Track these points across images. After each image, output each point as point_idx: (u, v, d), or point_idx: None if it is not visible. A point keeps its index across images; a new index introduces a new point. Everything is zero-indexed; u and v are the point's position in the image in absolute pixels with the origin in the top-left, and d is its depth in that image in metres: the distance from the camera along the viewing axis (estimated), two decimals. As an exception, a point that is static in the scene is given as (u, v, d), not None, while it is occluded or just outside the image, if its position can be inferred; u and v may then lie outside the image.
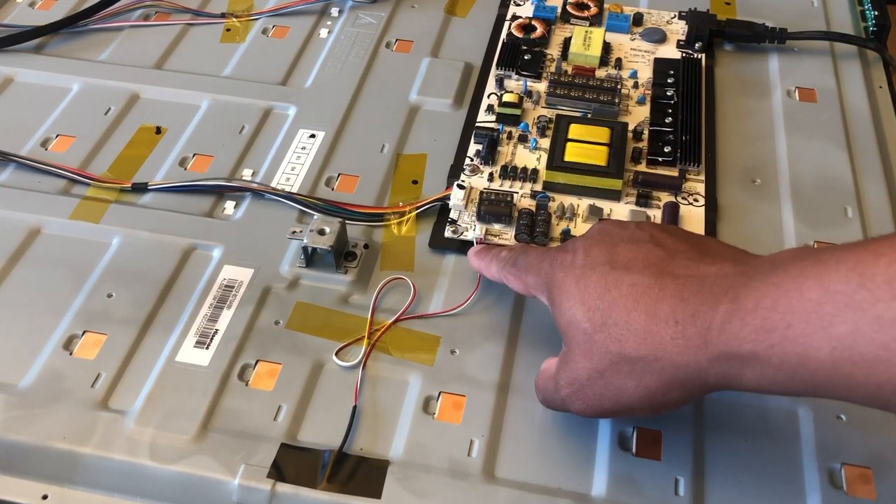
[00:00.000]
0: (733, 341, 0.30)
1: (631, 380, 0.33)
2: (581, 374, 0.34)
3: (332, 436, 0.38)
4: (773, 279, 0.29)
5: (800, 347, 0.28)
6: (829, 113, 0.54)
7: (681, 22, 0.60)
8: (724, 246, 0.35)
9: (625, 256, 0.34)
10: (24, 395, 0.39)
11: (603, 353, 0.33)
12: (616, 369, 0.33)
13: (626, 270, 0.33)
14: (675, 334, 0.31)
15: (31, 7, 0.62)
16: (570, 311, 0.34)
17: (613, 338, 0.33)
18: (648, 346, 0.32)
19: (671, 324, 0.31)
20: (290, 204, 0.48)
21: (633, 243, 0.35)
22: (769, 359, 0.29)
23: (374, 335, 0.42)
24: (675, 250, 0.34)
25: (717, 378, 0.31)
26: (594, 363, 0.33)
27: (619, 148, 0.48)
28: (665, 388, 0.32)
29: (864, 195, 0.49)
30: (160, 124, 0.53)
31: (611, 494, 0.36)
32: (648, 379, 0.32)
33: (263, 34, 0.60)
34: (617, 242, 0.35)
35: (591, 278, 0.34)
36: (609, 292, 0.33)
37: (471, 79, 0.56)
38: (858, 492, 0.36)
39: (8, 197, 0.48)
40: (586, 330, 0.33)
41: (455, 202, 0.46)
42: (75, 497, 0.37)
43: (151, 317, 0.42)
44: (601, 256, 0.34)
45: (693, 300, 0.31)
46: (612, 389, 0.33)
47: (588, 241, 0.36)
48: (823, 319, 0.28)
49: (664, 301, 0.32)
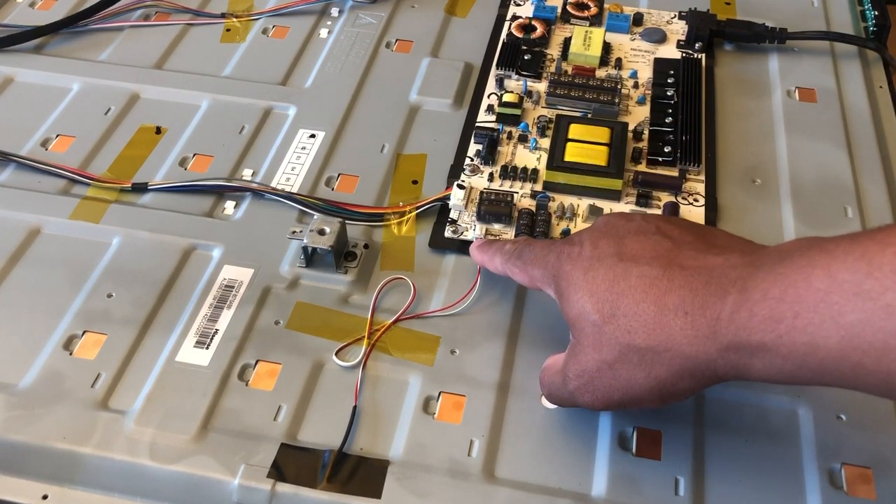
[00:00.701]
0: (742, 332, 0.30)
1: (640, 371, 0.33)
2: (590, 365, 0.34)
3: (332, 436, 0.38)
4: (780, 269, 0.30)
5: (808, 337, 0.28)
6: (829, 113, 0.54)
7: (681, 22, 0.60)
8: (729, 236, 0.35)
9: (632, 248, 0.34)
10: (24, 395, 0.39)
11: (612, 344, 0.33)
12: (625, 360, 0.33)
13: (634, 262, 0.34)
14: (685, 325, 0.32)
15: (31, 7, 0.62)
16: (578, 303, 0.34)
17: (622, 329, 0.33)
18: (658, 337, 0.32)
19: (680, 315, 0.32)
20: (290, 204, 0.48)
21: (640, 235, 0.35)
22: (778, 348, 0.29)
23: (374, 335, 0.42)
24: (682, 241, 0.34)
25: (727, 368, 0.31)
26: (603, 354, 0.34)
27: (619, 148, 0.48)
28: (675, 378, 0.33)
29: (864, 195, 0.49)
30: (160, 124, 0.53)
31: (611, 494, 0.36)
32: (658, 369, 0.33)
33: (263, 34, 0.60)
34: (624, 234, 0.35)
35: (599, 270, 0.34)
36: (617, 284, 0.33)
37: (471, 79, 0.56)
38: (858, 492, 0.36)
39: (8, 197, 0.48)
40: (595, 321, 0.33)
41: (455, 202, 0.46)
42: (75, 497, 0.37)
43: (151, 317, 0.42)
44: (609, 248, 0.35)
45: (702, 291, 0.32)
46: (621, 381, 0.34)
47: (595, 233, 0.36)
48: (832, 309, 0.28)
49: (673, 292, 0.32)
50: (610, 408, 0.35)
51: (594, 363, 0.34)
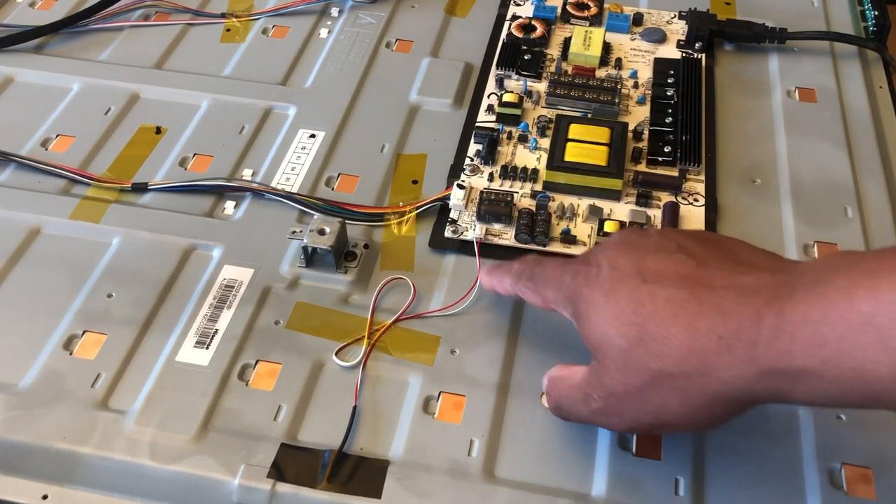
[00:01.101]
0: (783, 356, 0.29)
1: (673, 397, 0.31)
2: (617, 389, 0.33)
3: (332, 436, 0.38)
4: (819, 289, 0.28)
5: (855, 361, 0.27)
6: (829, 113, 0.54)
7: (681, 22, 0.60)
8: (752, 250, 0.34)
9: (654, 268, 0.33)
10: (24, 395, 0.39)
11: (641, 369, 0.32)
12: (656, 386, 0.32)
13: (659, 283, 0.32)
14: (720, 349, 0.30)
15: (31, 7, 0.62)
16: (601, 327, 0.33)
17: (652, 354, 0.31)
18: (691, 363, 0.31)
19: (714, 339, 0.30)
20: (290, 204, 0.48)
21: (661, 253, 0.33)
22: (822, 374, 0.28)
23: (374, 335, 0.42)
24: (706, 259, 0.33)
25: (766, 393, 0.30)
26: (632, 379, 0.32)
27: (619, 148, 0.48)
28: (710, 404, 0.31)
29: (864, 195, 0.49)
30: (160, 124, 0.53)
31: (611, 494, 0.36)
32: (693, 396, 0.31)
33: (263, 34, 0.60)
34: (643, 253, 0.34)
35: (621, 292, 0.33)
36: (643, 307, 0.32)
37: (471, 79, 0.56)
38: (858, 492, 0.36)
39: (8, 197, 0.48)
40: (621, 346, 0.32)
41: (455, 202, 0.46)
42: (75, 497, 0.37)
43: (151, 317, 0.42)
44: (629, 269, 0.33)
45: (735, 313, 0.30)
46: (652, 406, 0.32)
47: (611, 253, 0.34)
48: (879, 331, 0.26)
49: (703, 315, 0.31)
50: (636, 431, 0.34)
51: (622, 387, 0.32)
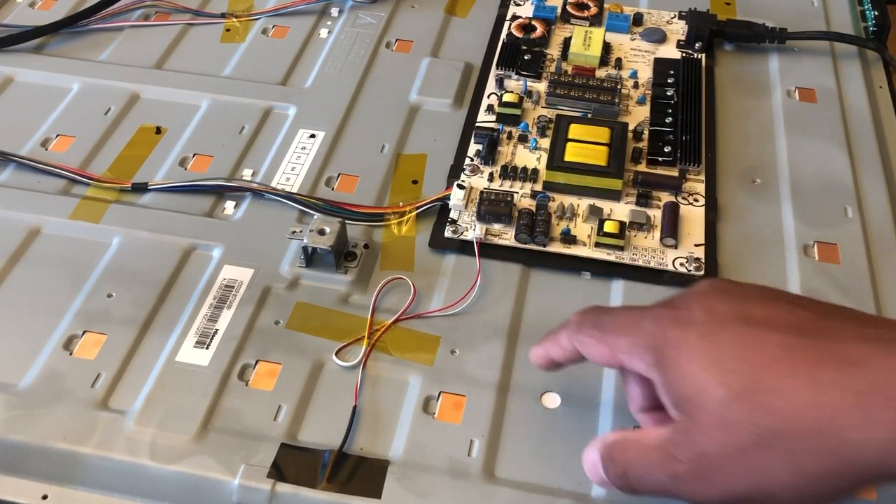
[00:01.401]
0: None
1: (781, 461, 0.28)
2: (712, 449, 0.29)
3: (332, 436, 0.38)
4: None
5: None
6: (829, 113, 0.54)
7: (681, 22, 0.60)
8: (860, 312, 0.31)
9: (761, 313, 0.29)
10: (24, 395, 0.39)
11: (746, 424, 0.28)
12: (763, 446, 0.28)
13: (770, 329, 0.29)
14: (851, 406, 0.26)
15: (31, 7, 0.62)
16: (695, 375, 0.29)
17: (761, 407, 0.28)
18: (812, 420, 0.27)
19: (845, 392, 0.27)
20: (290, 204, 0.48)
21: (768, 300, 0.30)
22: None
23: (374, 335, 0.42)
24: (821, 310, 0.30)
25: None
26: (732, 437, 0.28)
27: (619, 148, 0.48)
28: (828, 473, 0.27)
29: (864, 195, 0.49)
30: (160, 124, 0.53)
31: (611, 494, 0.36)
32: (808, 461, 0.27)
33: (263, 34, 0.60)
34: (745, 298, 0.30)
35: (721, 336, 0.29)
36: (750, 353, 0.28)
37: (471, 79, 0.56)
38: (858, 492, 0.36)
39: (8, 197, 0.48)
40: (721, 398, 0.28)
41: (455, 202, 0.46)
42: (75, 497, 0.37)
43: (151, 317, 0.42)
44: (729, 313, 0.30)
45: (871, 365, 0.27)
46: (754, 471, 0.28)
47: (702, 296, 0.31)
48: None
49: (828, 365, 0.27)
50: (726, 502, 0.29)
51: (718, 447, 0.28)
